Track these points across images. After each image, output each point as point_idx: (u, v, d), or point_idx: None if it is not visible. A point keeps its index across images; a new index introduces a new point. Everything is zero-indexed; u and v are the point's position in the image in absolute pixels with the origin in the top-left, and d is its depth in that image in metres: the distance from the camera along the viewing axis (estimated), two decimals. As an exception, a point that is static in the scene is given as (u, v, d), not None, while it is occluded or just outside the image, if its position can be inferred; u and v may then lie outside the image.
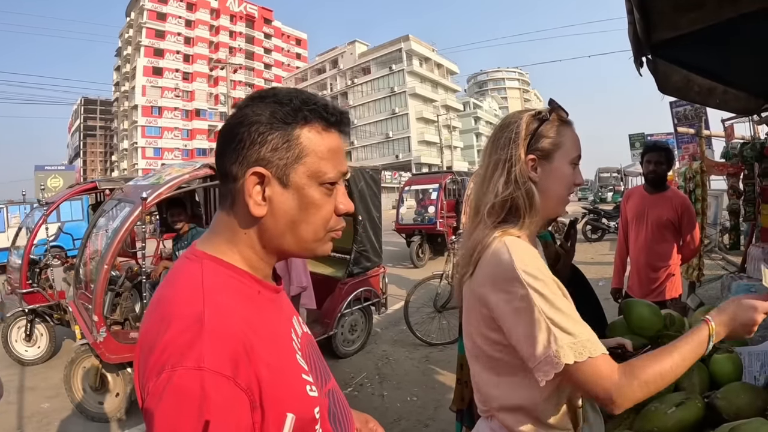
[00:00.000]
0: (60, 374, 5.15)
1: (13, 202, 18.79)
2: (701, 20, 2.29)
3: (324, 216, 1.01)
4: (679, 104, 14.09)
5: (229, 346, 0.85)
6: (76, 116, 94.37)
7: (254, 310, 0.98)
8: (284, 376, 0.95)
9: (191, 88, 73.82)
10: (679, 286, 4.11)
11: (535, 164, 1.40)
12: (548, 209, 1.45)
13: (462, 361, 2.81)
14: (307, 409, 0.99)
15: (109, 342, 4.46)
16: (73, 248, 10.47)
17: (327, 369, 1.19)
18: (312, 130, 0.98)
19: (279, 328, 1.04)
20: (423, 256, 14.03)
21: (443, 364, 6.00)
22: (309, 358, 1.10)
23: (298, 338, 1.10)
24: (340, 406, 1.17)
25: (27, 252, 6.95)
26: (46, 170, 46.16)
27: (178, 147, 70.85)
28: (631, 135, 30.32)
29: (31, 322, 6.81)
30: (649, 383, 1.20)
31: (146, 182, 5.32)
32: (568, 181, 1.45)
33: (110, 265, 4.62)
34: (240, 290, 0.99)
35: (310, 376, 1.04)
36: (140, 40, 69.77)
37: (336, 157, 1.00)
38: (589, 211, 16.47)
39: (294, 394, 0.97)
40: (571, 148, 1.44)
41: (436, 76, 73.60)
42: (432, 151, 65.43)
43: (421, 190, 15.85)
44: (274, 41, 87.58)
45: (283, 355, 1.00)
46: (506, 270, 1.27)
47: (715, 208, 11.58)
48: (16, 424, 5.07)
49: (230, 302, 0.93)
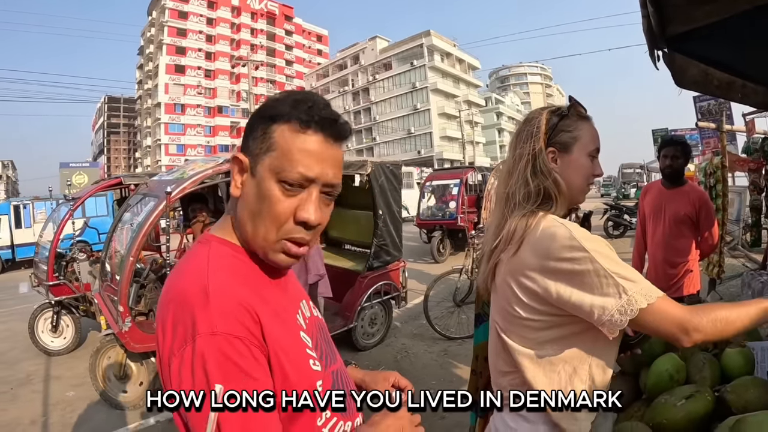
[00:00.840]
0: (84, 364, 5.24)
1: (38, 198, 19.11)
2: (716, 13, 2.26)
3: (275, 214, 1.00)
4: (702, 99, 13.88)
5: (235, 311, 0.93)
6: (100, 114, 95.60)
7: (257, 285, 1.04)
8: (287, 346, 1.01)
9: (213, 85, 74.30)
10: (697, 282, 4.05)
11: (555, 156, 1.51)
12: (570, 198, 1.54)
13: (477, 352, 2.79)
14: (310, 381, 1.05)
15: (134, 332, 4.56)
16: (98, 242, 10.56)
17: (334, 351, 1.25)
18: (289, 128, 1.00)
19: (282, 304, 1.09)
20: (444, 251, 13.98)
21: (461, 358, 6.01)
22: (314, 337, 1.15)
23: (306, 319, 1.16)
24: (347, 386, 1.22)
25: (54, 245, 7.09)
26: (71, 167, 46.87)
27: (200, 143, 71.39)
28: (655, 130, 29.88)
29: (57, 314, 6.97)
30: (717, 322, 1.28)
31: (170, 177, 5.40)
32: (587, 172, 1.54)
33: (136, 258, 4.71)
34: (242, 268, 1.05)
35: (314, 352, 1.10)
36: (162, 38, 70.42)
37: (305, 158, 0.99)
38: (611, 207, 16.23)
39: (297, 364, 1.03)
40: (590, 141, 1.53)
41: (457, 71, 73.10)
42: (454, 147, 65.04)
43: (442, 185, 15.73)
44: (295, 38, 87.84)
45: (287, 328, 1.05)
46: (564, 239, 1.35)
47: (738, 205, 11.37)
48: (41, 411, 5.19)
49: (233, 277, 1.00)
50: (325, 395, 1.07)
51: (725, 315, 1.28)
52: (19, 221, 18.46)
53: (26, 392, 5.77)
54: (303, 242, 1.04)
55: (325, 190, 1.04)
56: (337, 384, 1.17)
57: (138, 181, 7.94)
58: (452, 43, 73.16)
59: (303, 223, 1.01)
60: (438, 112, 66.39)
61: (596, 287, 1.30)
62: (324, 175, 1.02)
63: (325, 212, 1.06)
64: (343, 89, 78.10)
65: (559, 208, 1.50)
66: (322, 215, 1.04)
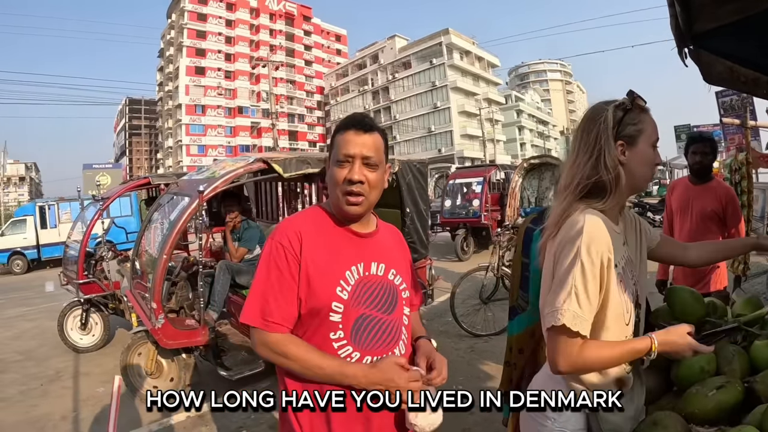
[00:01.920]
0: (113, 361, 5.29)
1: (64, 199, 19.33)
2: (740, 11, 2.33)
3: (336, 180, 1.62)
4: (725, 94, 13.74)
5: (288, 232, 1.63)
6: (122, 116, 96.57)
7: (322, 229, 1.67)
8: (322, 266, 1.60)
9: (233, 86, 74.60)
10: (724, 278, 4.05)
11: (624, 149, 1.59)
12: (636, 186, 1.66)
13: (511, 343, 2.75)
14: (326, 299, 1.59)
15: (167, 328, 4.59)
16: (125, 242, 10.71)
17: (380, 303, 1.69)
18: (337, 134, 1.66)
19: (339, 248, 1.66)
20: (468, 249, 13.99)
21: (488, 354, 6.01)
22: (362, 284, 1.66)
23: (367, 272, 1.68)
24: (375, 333, 1.66)
25: (84, 244, 7.16)
26: (94, 168, 47.63)
27: (221, 144, 71.75)
28: (677, 126, 29.60)
29: (86, 312, 7.04)
30: (589, 367, 1.54)
31: (201, 176, 5.44)
32: (652, 162, 1.64)
33: (169, 256, 4.74)
34: (318, 218, 1.71)
35: (348, 287, 1.62)
36: (182, 40, 70.97)
37: (343, 146, 1.61)
38: (634, 205, 16.12)
39: (323, 280, 1.59)
40: (652, 132, 1.63)
41: (477, 69, 72.64)
42: (474, 145, 64.69)
43: (465, 183, 15.65)
44: (314, 38, 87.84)
45: (330, 258, 1.63)
46: (573, 236, 1.52)
47: (762, 202, 11.20)
48: (72, 407, 5.25)
49: (304, 219, 1.71)
50: (341, 318, 1.60)
51: (605, 358, 1.52)
52: (44, 222, 18.81)
53: (56, 388, 5.84)
54: (354, 193, 1.60)
55: (365, 161, 1.61)
56: (363, 325, 1.64)
57: (166, 181, 8.02)
58: (471, 40, 72.79)
59: (350, 181, 1.59)
60: (458, 110, 66.00)
61: (562, 283, 1.50)
62: (359, 153, 1.60)
63: (369, 175, 1.62)
64: (363, 88, 78.11)
65: (613, 200, 1.59)
66: (364, 175, 1.60)
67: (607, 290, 1.53)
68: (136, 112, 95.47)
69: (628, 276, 1.65)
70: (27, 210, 19.92)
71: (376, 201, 1.69)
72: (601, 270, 1.50)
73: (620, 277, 1.59)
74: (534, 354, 2.69)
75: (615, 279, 1.54)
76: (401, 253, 1.90)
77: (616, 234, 1.61)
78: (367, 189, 1.61)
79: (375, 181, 1.63)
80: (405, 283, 1.80)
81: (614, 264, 1.54)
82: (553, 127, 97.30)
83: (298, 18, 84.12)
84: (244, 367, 4.95)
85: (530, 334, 2.62)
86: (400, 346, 1.72)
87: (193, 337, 4.75)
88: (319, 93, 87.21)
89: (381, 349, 1.65)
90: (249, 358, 5.14)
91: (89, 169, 47.51)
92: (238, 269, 5.61)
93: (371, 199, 1.65)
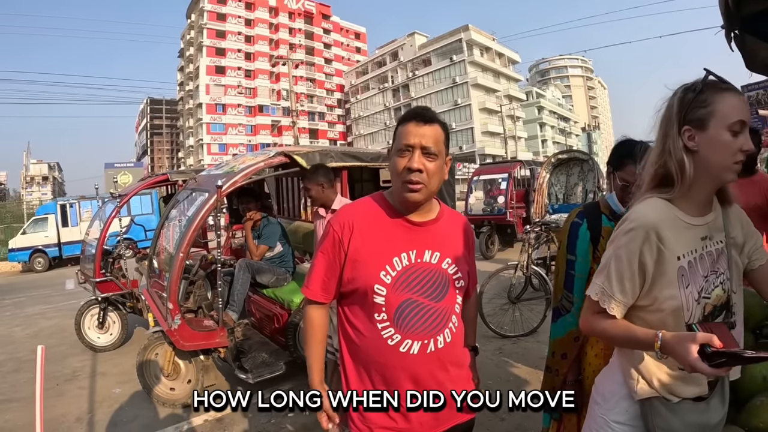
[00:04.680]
0: (130, 361, 5.20)
1: (84, 197, 19.60)
2: None
3: (397, 169, 1.69)
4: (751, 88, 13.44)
5: (342, 220, 1.77)
6: (143, 116, 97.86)
7: (376, 217, 1.78)
8: (371, 250, 1.72)
9: (253, 85, 75.17)
10: None
11: (692, 134, 1.45)
12: (713, 177, 1.48)
13: (554, 348, 2.60)
14: (369, 280, 1.70)
15: (183, 329, 4.43)
16: (144, 239, 10.68)
17: (429, 290, 1.75)
18: (399, 126, 1.73)
19: (391, 235, 1.75)
20: (492, 247, 13.79)
21: (517, 356, 5.81)
22: (411, 270, 1.73)
23: (419, 259, 1.75)
24: (420, 318, 1.72)
25: (101, 242, 7.10)
26: (116, 167, 48.30)
27: (242, 142, 72.23)
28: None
29: (103, 310, 6.99)
30: (598, 335, 1.70)
31: (219, 171, 5.27)
32: (729, 148, 1.42)
33: (185, 254, 4.57)
34: (376, 207, 1.80)
35: (393, 272, 1.71)
36: (202, 40, 71.71)
37: (404, 136, 1.69)
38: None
39: (368, 263, 1.71)
40: (729, 113, 1.42)
41: (497, 65, 72.42)
42: (496, 142, 64.61)
43: (489, 180, 15.48)
44: (334, 36, 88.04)
45: (380, 244, 1.73)
46: (623, 221, 1.53)
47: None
48: (87, 408, 5.15)
49: (360, 207, 1.83)
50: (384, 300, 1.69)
51: (609, 336, 1.56)
52: (65, 220, 19.10)
53: (72, 388, 5.74)
54: (414, 181, 1.66)
55: (424, 151, 1.66)
56: (408, 309, 1.71)
57: (185, 177, 7.89)
58: (491, 37, 72.56)
59: (409, 169, 1.65)
60: (479, 107, 65.90)
61: (602, 266, 1.56)
62: (418, 143, 1.66)
63: (428, 164, 1.67)
64: (383, 86, 78.12)
65: (682, 189, 1.48)
66: (423, 164, 1.66)
67: (653, 281, 1.47)
68: (158, 111, 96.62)
69: (698, 272, 1.50)
70: (48, 208, 20.15)
71: (436, 189, 1.76)
72: (641, 256, 1.45)
73: (682, 271, 1.47)
74: (578, 360, 2.50)
75: (671, 271, 1.46)
76: (462, 241, 1.91)
77: (686, 225, 1.50)
78: (426, 177, 1.67)
79: (434, 170, 1.69)
80: (460, 272, 1.84)
81: (677, 256, 1.46)
82: (575, 124, 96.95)
83: (317, 16, 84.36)
84: (264, 370, 4.77)
85: (574, 337, 2.49)
86: (446, 334, 1.78)
87: (211, 339, 4.59)
88: (339, 91, 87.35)
89: (424, 334, 1.73)
90: (269, 360, 4.97)
91: (111, 168, 47.99)
92: (259, 268, 5.41)
93: (431, 188, 1.71)
